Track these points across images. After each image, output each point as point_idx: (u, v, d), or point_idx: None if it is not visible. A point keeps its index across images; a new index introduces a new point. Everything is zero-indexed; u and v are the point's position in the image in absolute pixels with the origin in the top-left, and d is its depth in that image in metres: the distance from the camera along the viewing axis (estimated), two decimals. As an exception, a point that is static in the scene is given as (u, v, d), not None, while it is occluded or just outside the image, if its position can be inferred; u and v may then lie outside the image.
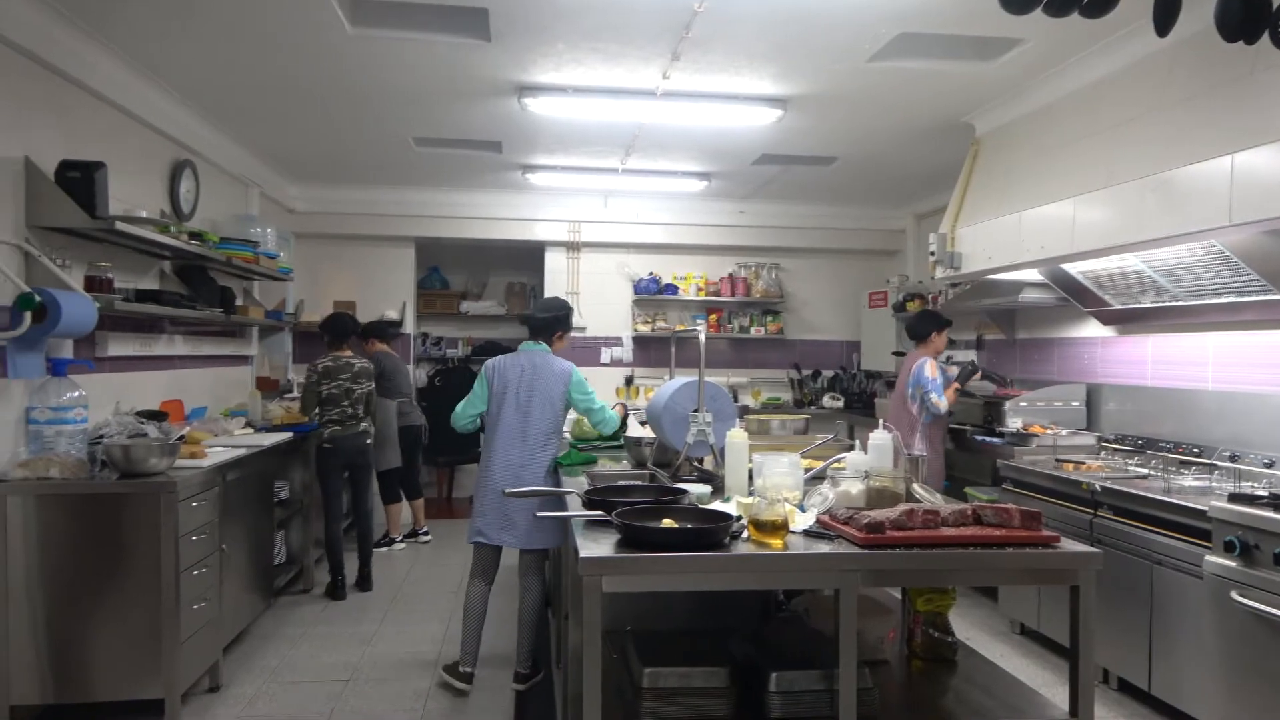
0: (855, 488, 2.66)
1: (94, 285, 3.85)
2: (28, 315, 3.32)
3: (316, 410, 5.39)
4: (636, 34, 3.80)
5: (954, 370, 5.43)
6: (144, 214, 4.19)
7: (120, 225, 3.77)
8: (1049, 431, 4.92)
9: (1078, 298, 4.99)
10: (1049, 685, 3.95)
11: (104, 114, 4.26)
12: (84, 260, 3.91)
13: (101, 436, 3.63)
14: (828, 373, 8.14)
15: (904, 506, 2.39)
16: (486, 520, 3.96)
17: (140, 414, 4.03)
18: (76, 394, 3.64)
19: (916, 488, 2.75)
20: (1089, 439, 4.89)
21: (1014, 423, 5.06)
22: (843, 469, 2.84)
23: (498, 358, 4.14)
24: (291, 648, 4.53)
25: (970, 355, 6.65)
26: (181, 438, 3.89)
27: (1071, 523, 4.04)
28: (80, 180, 3.68)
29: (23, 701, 3.43)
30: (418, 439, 6.63)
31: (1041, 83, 4.34)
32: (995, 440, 5.09)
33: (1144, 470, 4.21)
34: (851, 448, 3.01)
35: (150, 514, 3.47)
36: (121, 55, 4.12)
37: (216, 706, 3.79)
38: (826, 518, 2.46)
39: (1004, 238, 4.55)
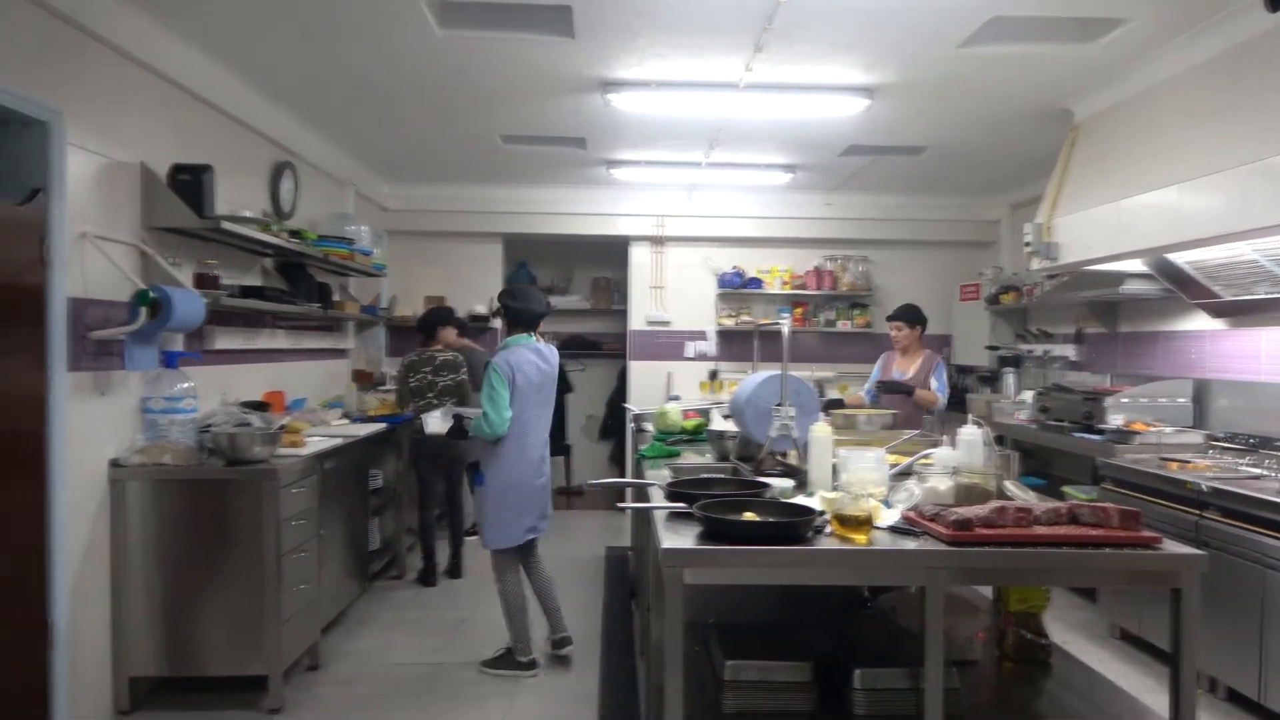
0: (943, 484, 2.60)
1: (203, 282, 4.05)
2: (144, 310, 3.53)
3: (412, 402, 5.58)
4: (718, 26, 3.79)
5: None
6: (248, 213, 4.39)
7: (226, 224, 3.96)
8: (1153, 429, 4.70)
9: (1184, 289, 4.76)
10: (1150, 692, 3.79)
11: (212, 119, 4.48)
12: (194, 258, 4.13)
13: (210, 425, 3.83)
14: (917, 367, 7.95)
15: (994, 504, 2.33)
16: (533, 515, 4.09)
17: (244, 404, 4.23)
18: (187, 385, 3.85)
19: (1008, 484, 2.67)
20: (1196, 437, 4.66)
21: (1115, 419, 4.86)
22: (930, 465, 2.78)
23: (506, 355, 4.02)
24: (386, 631, 4.69)
25: (1063, 350, 6.42)
26: (282, 427, 4.07)
27: (1176, 524, 3.86)
28: (190, 183, 3.89)
29: (141, 673, 3.66)
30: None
31: (1144, 64, 4.15)
32: (1094, 437, 4.90)
33: (1257, 470, 3.99)
34: (940, 444, 2.94)
35: (254, 499, 3.64)
36: (227, 63, 4.32)
37: (316, 685, 3.96)
38: (913, 514, 2.42)
39: (1104, 227, 4.37)
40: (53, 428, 3.23)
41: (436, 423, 4.17)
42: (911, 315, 5.56)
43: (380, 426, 5.34)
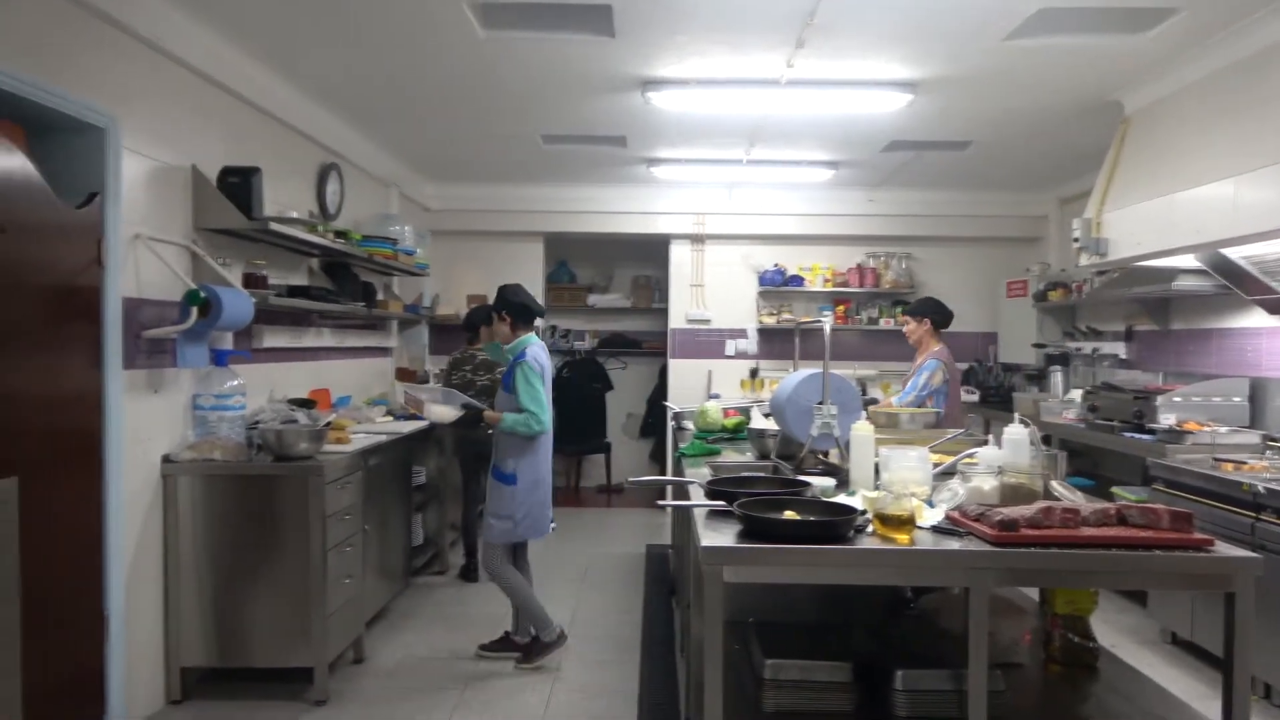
0: (988, 484, 2.56)
1: (251, 282, 4.14)
2: (194, 310, 3.61)
3: None
4: (759, 23, 3.77)
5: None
6: (295, 215, 4.47)
7: (274, 225, 4.04)
8: (1206, 428, 4.58)
9: (1240, 285, 4.63)
10: (1202, 698, 3.70)
11: (260, 122, 4.57)
12: (242, 259, 4.21)
13: (258, 422, 3.91)
14: (962, 365, 7.82)
15: (1041, 504, 2.29)
16: (548, 510, 4.29)
17: (291, 401, 4.31)
18: (236, 382, 3.93)
19: (1055, 485, 2.63)
20: (1252, 437, 4.53)
21: (1166, 419, 4.74)
22: (975, 464, 2.74)
23: (533, 351, 4.10)
24: (429, 625, 4.75)
25: (1113, 347, 6.28)
26: (328, 424, 4.14)
27: (1230, 526, 3.76)
28: (239, 185, 3.97)
29: (191, 663, 3.75)
30: (545, 429, 6.78)
31: (1198, 55, 4.04)
32: (1145, 437, 4.78)
33: (1317, 472, 3.87)
34: (985, 443, 2.90)
35: (300, 495, 3.71)
36: (275, 67, 4.40)
37: (360, 677, 4.02)
38: (956, 514, 2.39)
39: (1155, 221, 4.27)
40: (108, 424, 3.32)
41: (442, 413, 4.14)
42: (917, 309, 5.25)
43: (423, 424, 5.40)
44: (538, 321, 4.40)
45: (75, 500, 3.22)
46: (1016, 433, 2.70)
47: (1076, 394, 5.88)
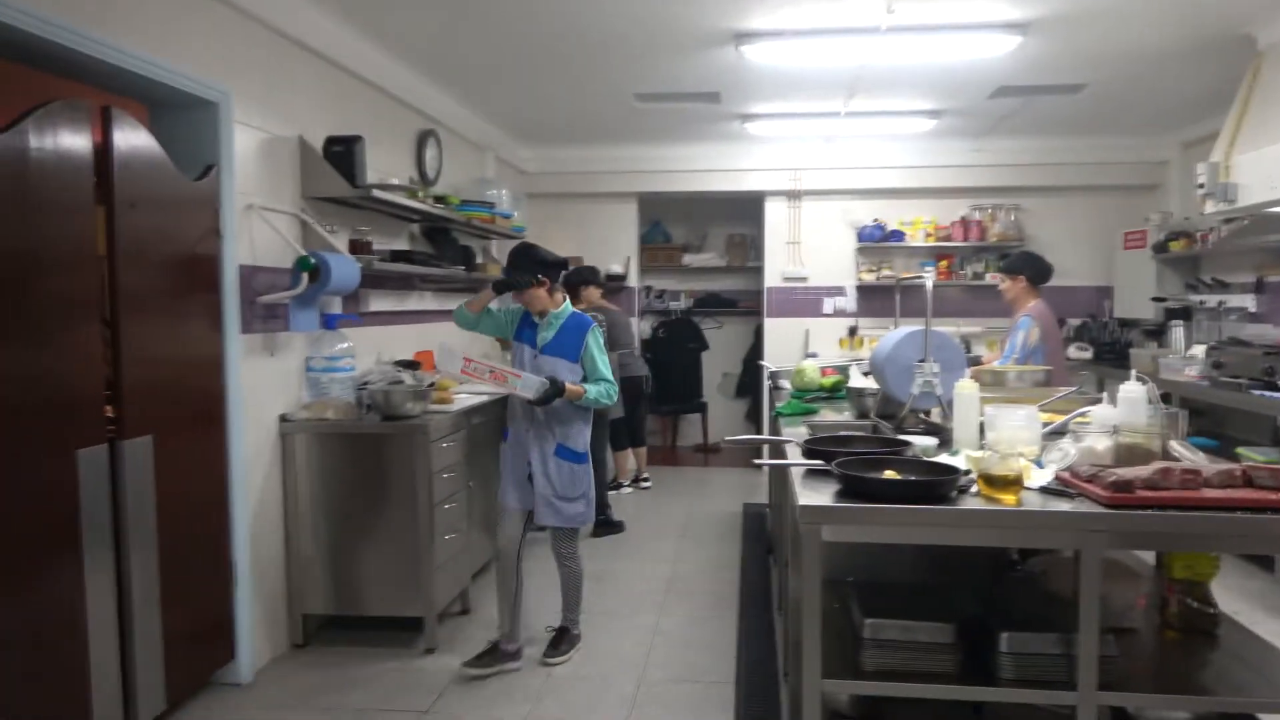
0: (1101, 444, 2.46)
1: (356, 248, 4.28)
2: (305, 276, 3.76)
3: None
4: (859, -32, 3.64)
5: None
6: (395, 181, 4.59)
7: (376, 192, 4.16)
8: (1346, 386, 4.28)
9: (1389, 230, 4.27)
10: (1337, 671, 3.50)
11: (361, 91, 4.69)
12: (347, 225, 4.35)
13: (366, 383, 4.06)
14: (1074, 321, 7.51)
15: (1158, 464, 2.19)
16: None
17: (397, 363, 4.47)
18: (345, 345, 4.09)
19: (1175, 445, 2.50)
20: (1399, 395, 4.21)
21: (1300, 375, 4.45)
22: (1088, 424, 2.63)
23: (592, 322, 3.84)
24: (530, 579, 4.86)
25: (1241, 300, 5.90)
26: (432, 385, 4.27)
27: (1372, 490, 3.51)
28: (343, 153, 4.09)
29: (311, 611, 3.97)
30: (640, 389, 6.82)
31: (1346, -22, 3.71)
32: (1275, 395, 4.50)
33: None
34: (1098, 401, 2.78)
35: (407, 452, 3.85)
36: (374, 37, 4.49)
37: (467, 627, 4.18)
38: (1067, 475, 2.31)
39: (1292, 164, 3.97)
40: (229, 386, 3.51)
41: (528, 385, 3.57)
42: (1010, 265, 4.91)
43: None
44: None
45: (202, 458, 3.43)
46: (1133, 390, 2.57)
47: (1199, 350, 5.56)
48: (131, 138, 3.00)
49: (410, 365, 4.57)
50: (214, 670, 3.51)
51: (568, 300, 3.83)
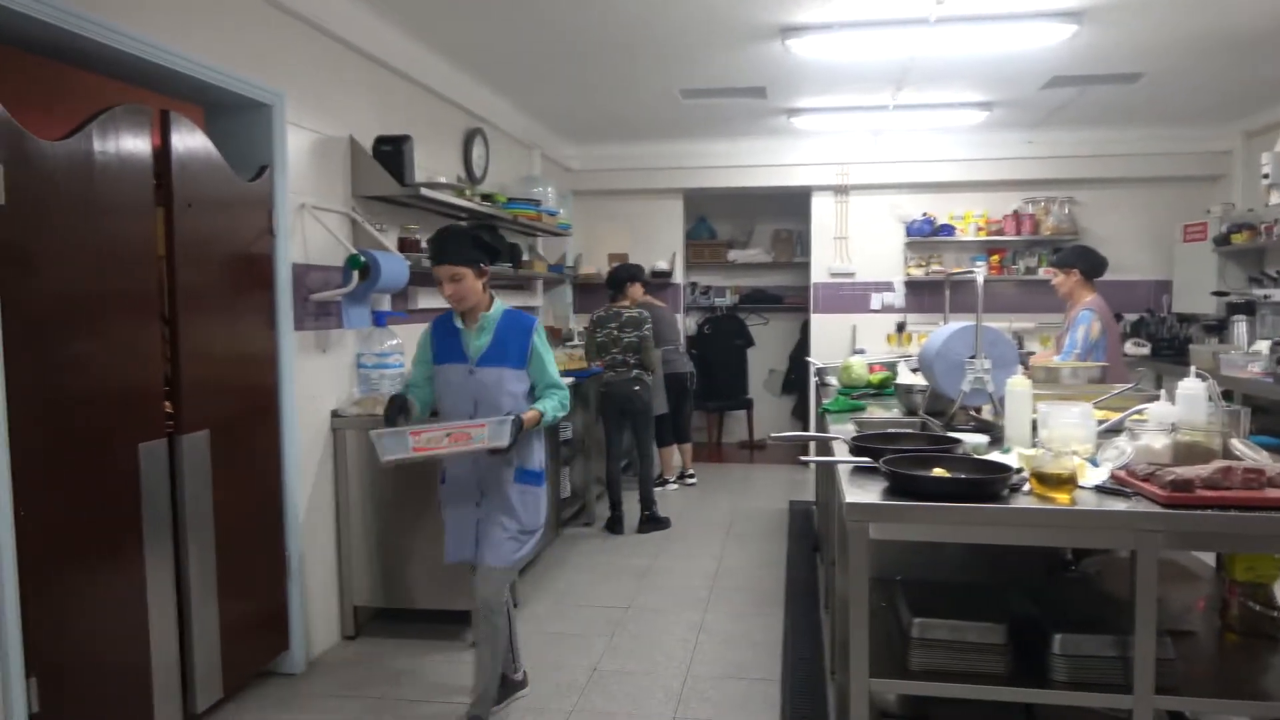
0: (1159, 442, 2.39)
1: (405, 246, 4.34)
2: (356, 273, 3.82)
3: (599, 357, 5.77)
4: (907, -42, 3.59)
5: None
6: (443, 180, 4.64)
7: (425, 191, 4.21)
8: None
9: None
10: None
11: (409, 91, 4.75)
12: (396, 224, 4.42)
13: (415, 380, 4.12)
14: (1131, 316, 7.32)
15: (1219, 463, 2.13)
16: None
17: (445, 360, 4.51)
18: (395, 341, 4.15)
19: (1236, 443, 2.43)
20: None
21: (1372, 372, 4.29)
22: (1144, 421, 2.57)
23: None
24: (577, 574, 4.92)
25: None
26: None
27: None
28: (392, 153, 4.15)
29: (362, 603, 4.04)
30: (684, 386, 6.82)
31: None
32: (1345, 392, 4.34)
33: None
34: (1156, 398, 2.71)
35: (456, 449, 3.89)
36: (421, 36, 4.55)
37: (514, 622, 4.21)
38: (1123, 473, 2.26)
39: (1363, 152, 3.82)
40: (282, 382, 3.59)
41: (503, 434, 2.93)
42: (1064, 259, 4.76)
43: (569, 380, 5.53)
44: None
45: (257, 452, 3.50)
46: (1192, 387, 2.50)
47: (1263, 345, 5.38)
48: (189, 140, 3.08)
49: (458, 362, 4.61)
50: (269, 660, 3.59)
51: (497, 298, 3.20)
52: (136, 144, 2.83)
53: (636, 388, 5.80)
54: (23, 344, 2.42)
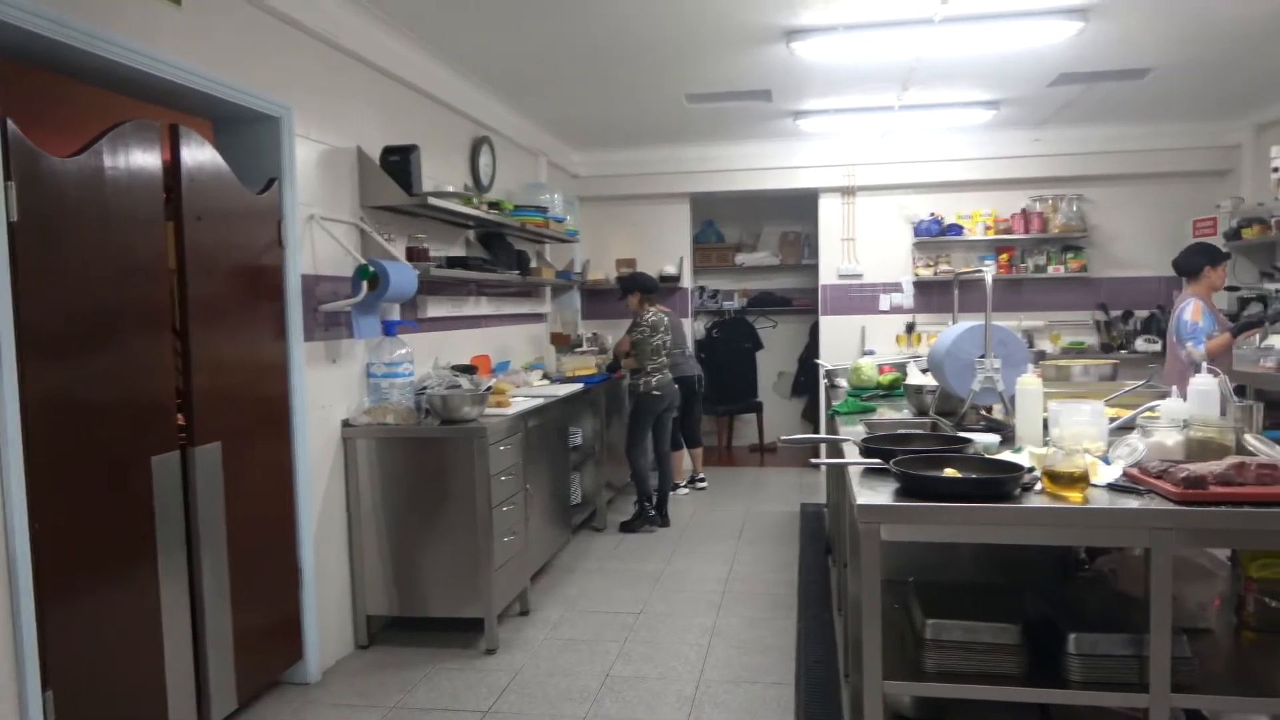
0: (1171, 438, 2.39)
1: (413, 255, 4.36)
2: (365, 283, 3.84)
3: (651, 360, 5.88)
4: (910, -41, 3.58)
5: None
6: (450, 188, 4.66)
7: (432, 200, 4.23)
8: None
9: None
10: None
11: (415, 101, 4.77)
12: (404, 233, 4.43)
13: (425, 388, 4.13)
14: (1141, 313, 7.29)
15: (1233, 459, 2.12)
16: None
17: (455, 368, 4.53)
18: (405, 351, 4.17)
19: (1250, 439, 2.42)
20: None
21: (1387, 365, 4.25)
22: (1157, 418, 2.56)
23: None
24: (588, 580, 4.92)
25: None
26: (489, 389, 4.33)
27: None
28: (399, 163, 4.17)
29: (375, 612, 4.05)
30: (693, 390, 6.82)
31: None
32: (1360, 386, 4.31)
33: None
34: (1168, 395, 2.70)
35: (465, 455, 3.91)
36: (427, 47, 4.57)
37: (526, 628, 4.22)
38: (1136, 471, 2.25)
39: (1374, 144, 3.79)
40: (293, 392, 3.61)
41: None
42: (1178, 265, 5.18)
43: (578, 386, 5.56)
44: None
45: (269, 462, 3.52)
46: (1205, 383, 2.49)
47: (1276, 341, 5.34)
48: (198, 154, 3.11)
49: (467, 369, 4.63)
50: (283, 670, 3.60)
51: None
52: (146, 158, 2.86)
53: (674, 387, 6.08)
54: (36, 358, 2.44)
